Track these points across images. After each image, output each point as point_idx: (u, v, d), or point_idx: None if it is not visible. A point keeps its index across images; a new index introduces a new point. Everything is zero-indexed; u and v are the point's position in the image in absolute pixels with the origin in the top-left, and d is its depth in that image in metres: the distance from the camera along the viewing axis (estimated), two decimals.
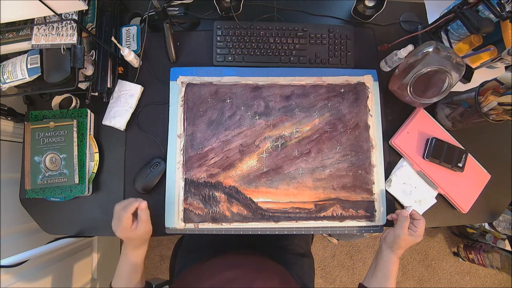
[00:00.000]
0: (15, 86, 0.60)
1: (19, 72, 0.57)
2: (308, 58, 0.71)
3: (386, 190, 0.68)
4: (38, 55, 0.57)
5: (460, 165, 0.68)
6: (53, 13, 0.52)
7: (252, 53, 0.70)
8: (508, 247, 1.31)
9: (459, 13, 0.62)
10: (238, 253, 0.72)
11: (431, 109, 0.73)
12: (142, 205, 0.56)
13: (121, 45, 0.66)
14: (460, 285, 1.50)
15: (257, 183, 0.66)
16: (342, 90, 0.70)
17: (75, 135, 0.64)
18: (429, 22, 0.75)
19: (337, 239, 1.39)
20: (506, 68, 0.75)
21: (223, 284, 0.54)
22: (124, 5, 0.73)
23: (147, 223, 0.57)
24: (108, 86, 0.65)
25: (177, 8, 0.72)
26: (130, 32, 0.69)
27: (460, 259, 1.49)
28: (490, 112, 0.60)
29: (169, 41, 0.69)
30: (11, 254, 0.60)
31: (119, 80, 0.68)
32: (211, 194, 0.65)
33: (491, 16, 0.61)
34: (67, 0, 0.51)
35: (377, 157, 0.68)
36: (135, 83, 0.69)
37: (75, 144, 0.63)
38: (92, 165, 0.65)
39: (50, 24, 0.56)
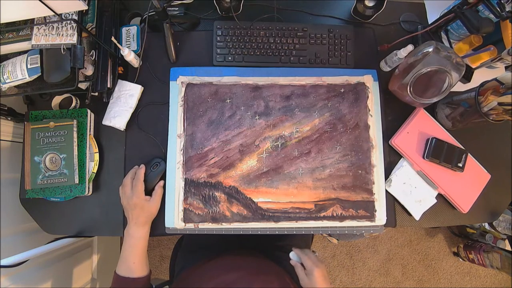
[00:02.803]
0: (15, 86, 0.60)
1: (19, 72, 0.57)
2: (308, 58, 0.71)
3: (386, 190, 0.68)
4: (38, 55, 0.57)
5: (460, 165, 0.68)
6: (53, 13, 0.52)
7: (252, 53, 0.70)
8: (508, 247, 1.31)
9: (459, 13, 0.62)
10: (237, 255, 0.72)
11: (431, 109, 0.73)
12: (161, 182, 0.64)
13: (121, 45, 0.66)
14: (460, 285, 1.50)
15: (257, 183, 0.66)
16: (342, 90, 0.70)
17: (75, 135, 0.64)
18: (429, 22, 0.75)
19: (337, 239, 1.39)
20: (506, 68, 0.75)
21: (223, 286, 0.54)
22: (124, 5, 0.73)
23: (159, 199, 0.62)
24: (108, 86, 0.65)
25: (177, 8, 0.72)
26: (130, 32, 0.69)
27: (460, 259, 1.49)
28: (490, 112, 0.60)
29: (169, 41, 0.69)
30: (11, 254, 0.60)
31: (119, 80, 0.68)
32: (211, 194, 0.65)
33: (491, 16, 0.61)
34: (67, 0, 0.51)
35: (377, 157, 0.68)
36: (135, 83, 0.69)
37: (75, 144, 0.63)
38: (92, 165, 0.65)
39: (50, 24, 0.57)
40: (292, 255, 0.63)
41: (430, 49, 0.58)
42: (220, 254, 0.69)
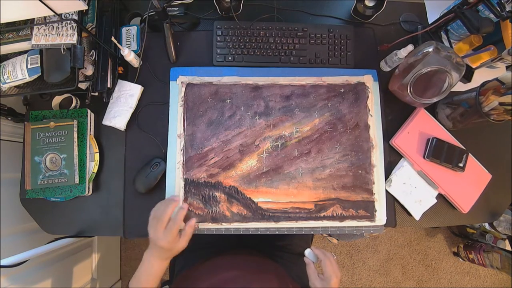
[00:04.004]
0: (15, 86, 0.60)
1: (19, 72, 0.57)
2: (308, 58, 0.71)
3: (386, 190, 0.68)
4: (38, 55, 0.57)
5: (461, 165, 0.68)
6: (53, 13, 0.52)
7: (252, 53, 0.70)
8: (508, 247, 1.31)
9: (459, 13, 0.62)
10: (237, 254, 0.72)
11: (432, 109, 0.73)
12: (192, 222, 0.57)
13: (121, 45, 0.66)
14: (460, 285, 1.50)
15: (257, 183, 0.66)
16: (342, 90, 0.70)
17: (75, 135, 0.64)
18: (429, 22, 0.75)
19: (337, 239, 1.38)
20: (507, 68, 0.75)
21: (222, 284, 0.54)
22: (124, 5, 0.73)
23: (188, 240, 0.56)
24: (108, 86, 0.65)
25: (177, 8, 0.72)
26: (130, 32, 0.69)
27: (460, 259, 1.49)
28: (490, 112, 0.60)
29: (169, 41, 0.69)
30: (11, 254, 0.60)
31: (119, 80, 0.68)
32: (211, 194, 0.65)
33: (491, 16, 0.61)
34: (67, 0, 0.51)
35: (377, 157, 0.68)
36: (135, 83, 0.69)
37: (76, 144, 0.63)
38: (92, 165, 0.65)
39: (50, 24, 0.56)
40: (308, 253, 0.60)
41: (430, 49, 0.58)
42: (220, 253, 0.69)
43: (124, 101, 0.67)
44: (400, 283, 1.48)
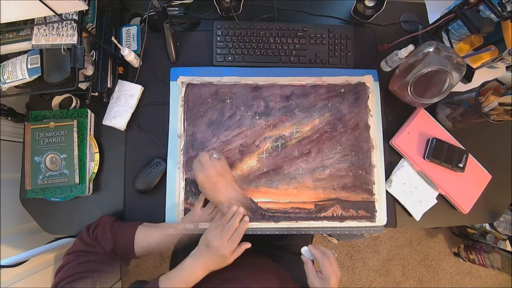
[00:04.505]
0: (15, 86, 0.60)
1: (19, 72, 0.57)
2: (308, 58, 0.71)
3: (386, 191, 0.68)
4: (39, 55, 0.58)
5: (461, 165, 0.68)
6: (53, 13, 0.52)
7: (252, 53, 0.70)
8: (508, 248, 1.30)
9: (460, 13, 0.62)
10: None
11: (432, 109, 0.72)
12: (249, 244, 0.56)
13: (121, 45, 0.66)
14: (461, 286, 1.50)
15: (257, 183, 0.66)
16: (342, 90, 0.70)
17: (75, 135, 0.64)
18: (430, 22, 0.75)
19: (337, 239, 1.38)
20: (507, 68, 0.75)
21: (222, 284, 0.54)
22: (124, 5, 0.73)
23: (236, 257, 0.55)
24: (108, 86, 0.66)
25: (177, 8, 0.72)
26: (130, 32, 0.69)
27: (461, 260, 1.49)
28: (490, 112, 0.60)
29: (169, 41, 0.69)
30: (11, 254, 0.60)
31: (119, 80, 0.68)
32: None
33: (492, 16, 0.61)
34: (67, 0, 0.51)
35: (378, 157, 0.68)
36: (135, 83, 0.69)
37: (76, 144, 0.63)
38: (93, 165, 0.65)
39: (50, 24, 0.57)
40: (304, 251, 0.59)
41: (431, 49, 0.58)
42: None
43: (124, 101, 0.67)
44: (400, 283, 1.47)
